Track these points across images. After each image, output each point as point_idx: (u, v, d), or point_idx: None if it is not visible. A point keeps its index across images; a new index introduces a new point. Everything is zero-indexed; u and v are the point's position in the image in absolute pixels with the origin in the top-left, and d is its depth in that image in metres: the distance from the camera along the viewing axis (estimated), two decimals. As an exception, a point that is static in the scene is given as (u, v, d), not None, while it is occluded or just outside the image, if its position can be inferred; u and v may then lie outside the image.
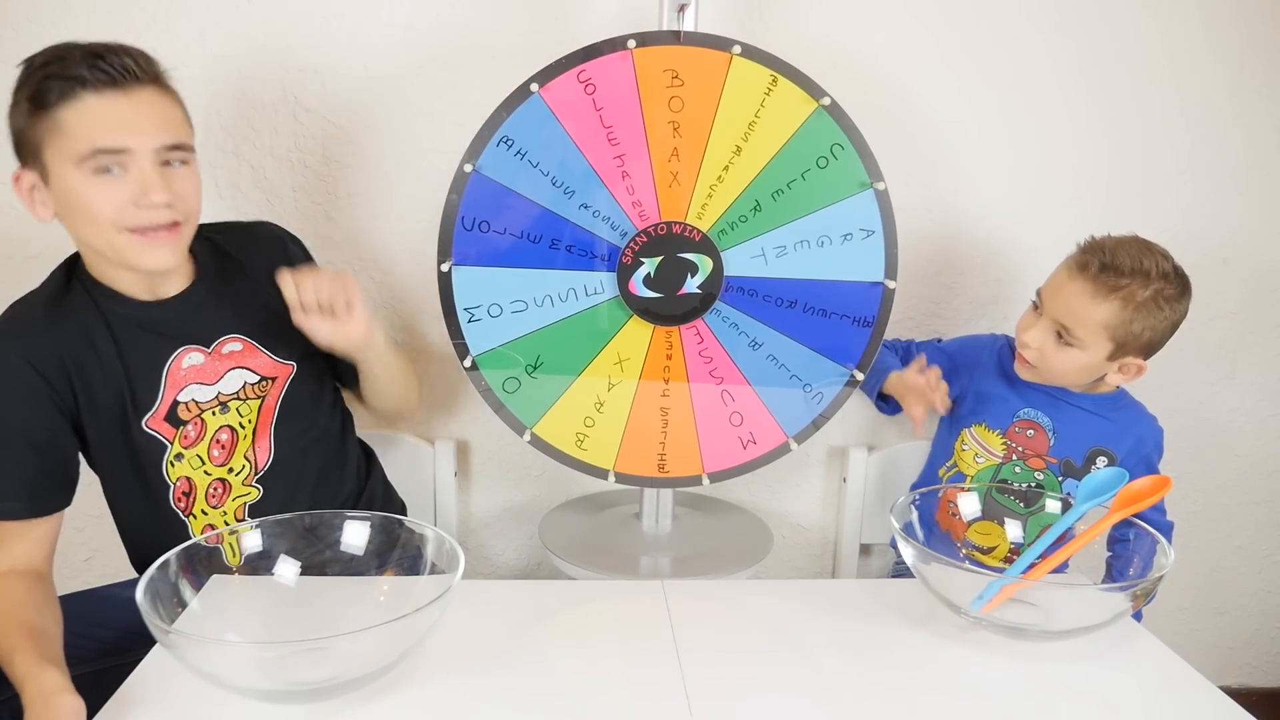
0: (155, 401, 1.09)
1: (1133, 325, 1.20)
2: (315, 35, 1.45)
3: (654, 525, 1.50)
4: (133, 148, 0.97)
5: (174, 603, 0.85)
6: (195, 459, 1.12)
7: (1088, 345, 1.22)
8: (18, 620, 0.93)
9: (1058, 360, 1.25)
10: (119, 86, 0.97)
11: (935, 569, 0.95)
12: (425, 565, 0.93)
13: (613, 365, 1.37)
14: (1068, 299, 1.22)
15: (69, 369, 1.05)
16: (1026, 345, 1.27)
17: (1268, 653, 1.85)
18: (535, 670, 0.87)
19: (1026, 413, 1.33)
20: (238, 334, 1.13)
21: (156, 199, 0.98)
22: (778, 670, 0.89)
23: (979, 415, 1.37)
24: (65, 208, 1.00)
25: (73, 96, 0.96)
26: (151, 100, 1.00)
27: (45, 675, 0.82)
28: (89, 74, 0.96)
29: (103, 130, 0.96)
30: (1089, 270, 1.21)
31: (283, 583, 0.94)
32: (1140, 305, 1.19)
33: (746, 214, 1.33)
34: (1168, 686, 0.89)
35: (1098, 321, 1.20)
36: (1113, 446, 1.32)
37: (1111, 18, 1.53)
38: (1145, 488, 1.00)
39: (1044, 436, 1.32)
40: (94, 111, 0.96)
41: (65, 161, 0.97)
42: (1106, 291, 1.19)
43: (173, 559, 0.85)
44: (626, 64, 1.27)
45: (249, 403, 1.13)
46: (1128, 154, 1.59)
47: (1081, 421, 1.32)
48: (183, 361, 1.09)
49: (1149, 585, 0.90)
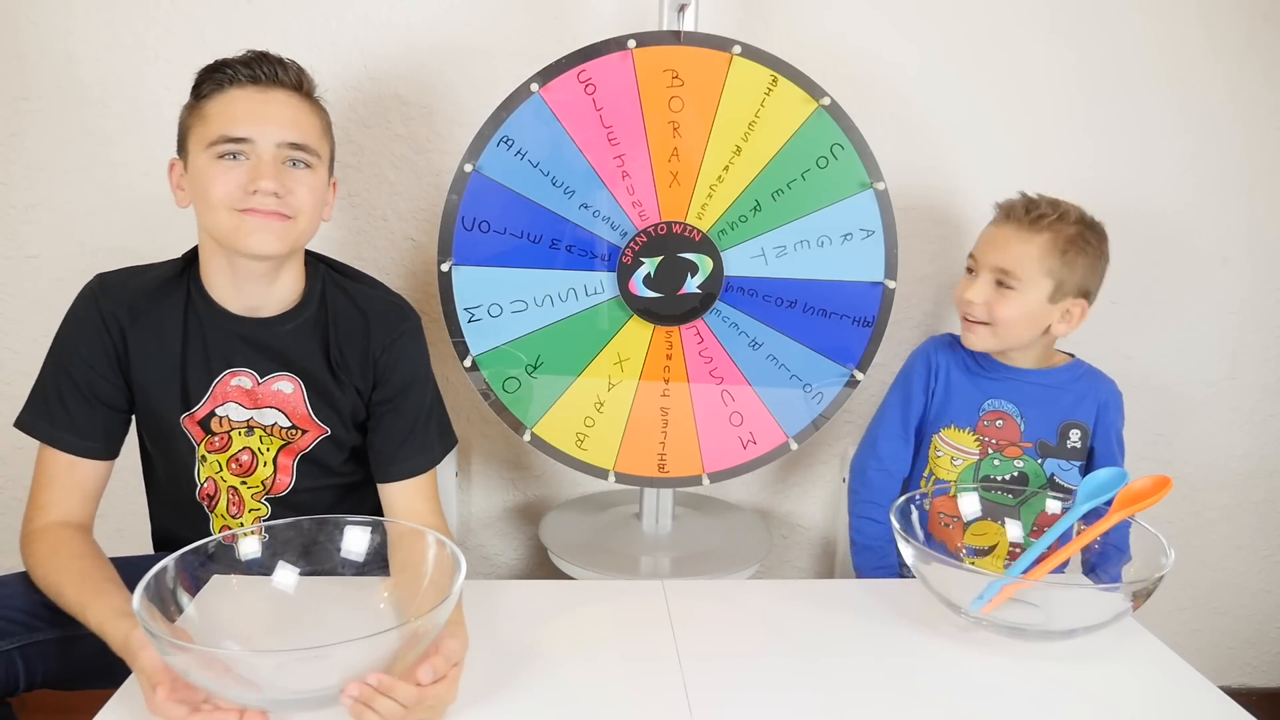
0: (199, 403, 1.12)
1: (1065, 257, 1.26)
2: (315, 35, 1.45)
3: (654, 525, 1.50)
4: (255, 139, 1.03)
5: (172, 607, 0.84)
6: (216, 464, 1.15)
7: (1028, 285, 1.26)
8: (83, 574, 0.99)
9: (1003, 308, 1.28)
10: (259, 85, 1.05)
11: (935, 569, 0.95)
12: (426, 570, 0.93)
13: (613, 365, 1.37)
14: (1002, 244, 1.28)
15: (129, 348, 1.10)
16: (971, 302, 1.29)
17: (1268, 653, 1.85)
18: (535, 670, 0.87)
19: (991, 404, 1.34)
20: (294, 375, 1.13)
21: (265, 185, 1.03)
22: (778, 670, 0.89)
23: (945, 418, 1.36)
24: (193, 190, 1.07)
25: (220, 91, 1.05)
26: (285, 101, 1.06)
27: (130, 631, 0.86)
28: (239, 73, 1.05)
29: (233, 120, 1.03)
30: (1014, 214, 1.29)
31: (281, 587, 0.93)
32: (1070, 240, 1.26)
33: (746, 214, 1.33)
34: (1168, 686, 0.89)
35: (1033, 256, 1.26)
36: (1081, 417, 1.34)
37: (1111, 19, 1.53)
38: (1145, 488, 1.00)
39: (1013, 423, 1.33)
40: (231, 103, 1.04)
41: (199, 146, 1.04)
42: (1034, 228, 1.26)
43: (171, 564, 0.84)
44: (626, 64, 1.27)
45: (274, 440, 1.15)
46: (1128, 154, 1.59)
47: (1045, 398, 1.34)
48: (231, 380, 1.12)
49: (1149, 585, 0.90)
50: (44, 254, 1.50)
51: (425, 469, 1.17)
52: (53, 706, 1.12)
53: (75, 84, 1.44)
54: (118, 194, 1.48)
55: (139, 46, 1.43)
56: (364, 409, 1.16)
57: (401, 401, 1.16)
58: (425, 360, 1.20)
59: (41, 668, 1.03)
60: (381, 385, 1.15)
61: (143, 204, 1.47)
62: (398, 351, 1.16)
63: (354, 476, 1.21)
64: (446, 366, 1.58)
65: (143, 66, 1.44)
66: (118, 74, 1.44)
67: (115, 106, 1.45)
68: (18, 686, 1.02)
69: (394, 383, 1.16)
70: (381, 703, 0.74)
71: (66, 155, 1.47)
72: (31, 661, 1.02)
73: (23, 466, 1.54)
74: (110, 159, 1.47)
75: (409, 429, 1.16)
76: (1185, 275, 1.64)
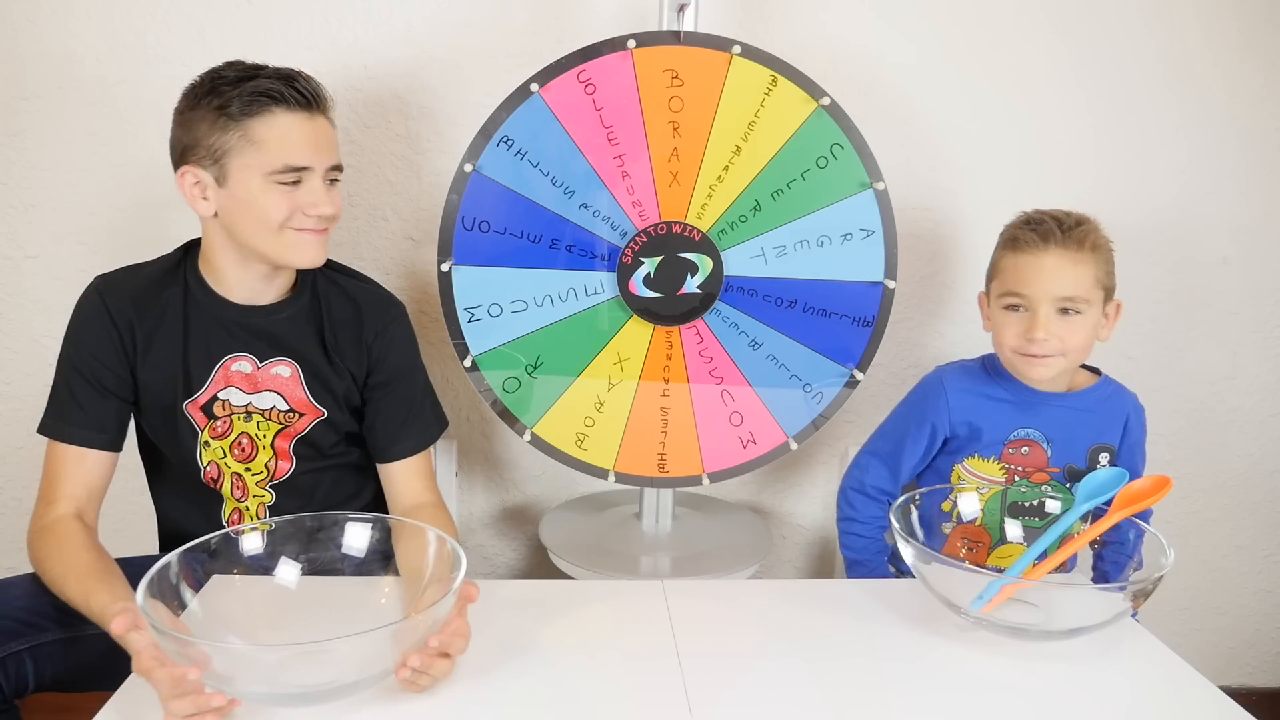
0: (201, 389, 1.16)
1: (1107, 265, 1.25)
2: (315, 35, 1.45)
3: (654, 525, 1.50)
4: (314, 167, 1.09)
5: (174, 603, 0.85)
6: (219, 450, 1.18)
7: (1090, 305, 1.23)
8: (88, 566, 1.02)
9: (1075, 336, 1.23)
10: (307, 110, 1.08)
11: (935, 569, 0.95)
12: (428, 567, 0.93)
13: (613, 365, 1.37)
14: (1055, 273, 1.22)
15: (137, 338, 1.14)
16: (1045, 340, 1.22)
17: (1268, 653, 1.85)
18: (535, 671, 0.87)
19: (1019, 433, 1.29)
20: (291, 360, 1.18)
21: (325, 211, 1.11)
22: (777, 670, 0.88)
23: (968, 450, 1.31)
24: (237, 208, 1.09)
25: (266, 112, 1.06)
26: (326, 126, 1.12)
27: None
28: (285, 93, 1.06)
29: (292, 149, 1.07)
30: (1052, 239, 1.23)
31: (283, 584, 0.93)
32: (1099, 245, 1.24)
33: (746, 214, 1.33)
34: (1168, 686, 0.89)
35: (1090, 277, 1.23)
36: (1109, 439, 1.30)
37: (1110, 20, 1.53)
38: (1145, 488, 1.00)
39: (1040, 450, 1.29)
40: (286, 131, 1.07)
41: (252, 171, 1.07)
42: (1080, 246, 1.23)
43: (174, 560, 0.85)
44: (626, 64, 1.27)
45: (271, 424, 1.18)
46: (1128, 154, 1.59)
47: (1074, 422, 1.29)
48: (233, 365, 1.16)
49: (1149, 585, 0.90)
50: (44, 254, 1.50)
51: (425, 446, 1.24)
52: (53, 706, 1.13)
53: (75, 84, 1.44)
54: (118, 194, 1.48)
55: (139, 46, 1.43)
56: (358, 393, 1.22)
57: (398, 384, 1.22)
58: (415, 345, 1.27)
59: (50, 669, 1.05)
60: (377, 370, 1.21)
61: (143, 204, 1.47)
62: (390, 337, 1.22)
63: (350, 457, 1.26)
64: (446, 367, 1.58)
65: (143, 66, 1.44)
66: (118, 74, 1.44)
67: (115, 106, 1.45)
68: (26, 688, 1.04)
69: (389, 367, 1.22)
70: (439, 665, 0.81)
71: (66, 155, 1.47)
72: (40, 663, 1.04)
73: (22, 466, 1.54)
74: (110, 159, 1.47)
75: (407, 410, 1.23)
76: (1185, 275, 1.64)
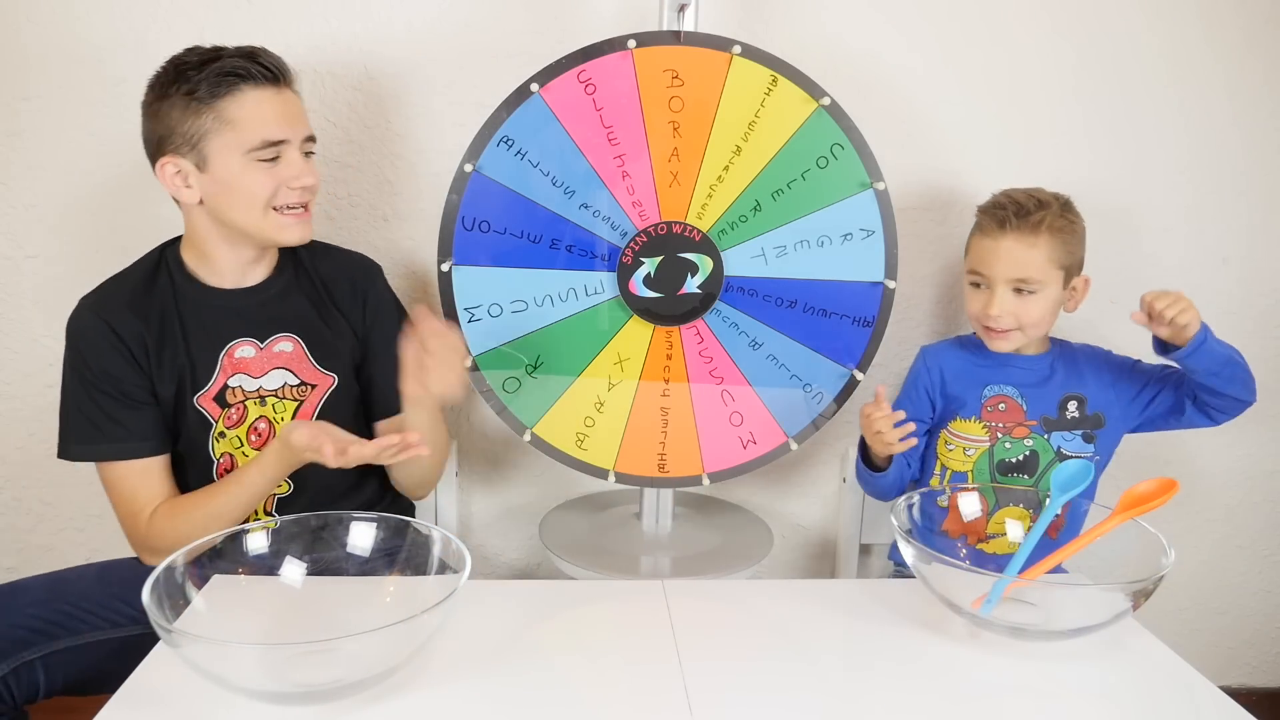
0: (209, 381, 1.17)
1: (1066, 246, 1.31)
2: (315, 35, 1.45)
3: (654, 525, 1.50)
4: (290, 139, 1.11)
5: (180, 603, 0.85)
6: (235, 439, 1.18)
7: (1045, 284, 1.31)
8: (207, 489, 1.14)
9: (1030, 312, 1.32)
10: (274, 84, 1.10)
11: (936, 569, 0.95)
12: (432, 566, 0.94)
13: (613, 365, 1.37)
14: (1008, 256, 1.30)
15: (147, 345, 1.15)
16: (999, 317, 1.32)
17: (1268, 653, 1.85)
18: (535, 671, 0.87)
19: (991, 389, 1.38)
20: (292, 334, 1.19)
21: (306, 182, 1.12)
22: (778, 670, 0.88)
23: (950, 412, 1.40)
24: (222, 190, 1.10)
25: (235, 90, 1.07)
26: (294, 98, 1.13)
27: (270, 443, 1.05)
28: (251, 69, 1.07)
29: (269, 124, 1.08)
30: (1008, 225, 1.31)
31: (288, 583, 0.94)
32: (1063, 229, 1.31)
33: (746, 214, 1.33)
34: (1168, 686, 0.89)
35: (1044, 259, 1.30)
36: (1075, 388, 1.38)
37: (1111, 19, 1.53)
38: (1151, 490, 1.00)
39: (1016, 404, 1.37)
40: (259, 106, 1.08)
41: (231, 151, 1.08)
42: (1035, 231, 1.29)
43: (180, 560, 0.85)
44: (626, 64, 1.27)
45: (286, 403, 1.19)
46: (1127, 154, 1.59)
47: (1041, 378, 1.38)
48: (236, 351, 1.18)
49: (1149, 585, 0.90)
50: (44, 254, 1.50)
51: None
52: (53, 707, 1.13)
53: (75, 84, 1.44)
54: (118, 194, 1.48)
55: (139, 46, 1.43)
56: (360, 348, 1.24)
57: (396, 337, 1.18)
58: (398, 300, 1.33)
59: (60, 675, 1.06)
60: (375, 326, 1.26)
61: (142, 204, 1.47)
62: (380, 291, 1.29)
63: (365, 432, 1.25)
64: (446, 366, 1.58)
65: (143, 66, 1.43)
66: (118, 74, 1.44)
67: (115, 106, 1.45)
68: (37, 694, 1.04)
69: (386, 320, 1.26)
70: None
71: (66, 155, 1.47)
72: (52, 670, 1.05)
73: (23, 466, 1.54)
74: (110, 159, 1.47)
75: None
76: (1185, 275, 1.64)
